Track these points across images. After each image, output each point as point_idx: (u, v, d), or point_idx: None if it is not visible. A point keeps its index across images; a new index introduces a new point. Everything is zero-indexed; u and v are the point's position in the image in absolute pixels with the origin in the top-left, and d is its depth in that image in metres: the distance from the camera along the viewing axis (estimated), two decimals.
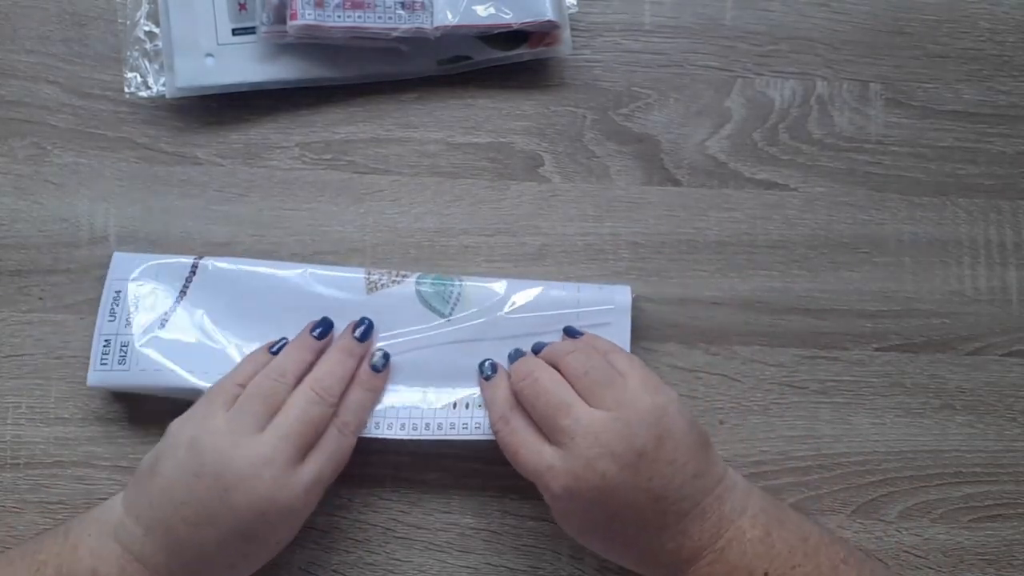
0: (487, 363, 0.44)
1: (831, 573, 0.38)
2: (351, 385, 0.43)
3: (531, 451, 0.39)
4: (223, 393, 0.40)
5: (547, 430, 0.39)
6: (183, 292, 0.45)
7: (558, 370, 0.41)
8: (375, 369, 0.43)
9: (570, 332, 0.44)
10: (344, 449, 0.41)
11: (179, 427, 0.40)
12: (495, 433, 0.42)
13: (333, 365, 0.42)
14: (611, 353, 0.42)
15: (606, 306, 0.45)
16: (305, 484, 0.39)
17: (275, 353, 0.43)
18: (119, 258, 0.46)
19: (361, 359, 0.43)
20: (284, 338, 0.44)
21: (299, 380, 0.41)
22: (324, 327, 0.44)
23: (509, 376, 0.43)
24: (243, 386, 0.40)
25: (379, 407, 0.44)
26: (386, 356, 0.44)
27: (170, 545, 0.38)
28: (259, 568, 0.40)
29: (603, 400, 0.39)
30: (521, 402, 0.41)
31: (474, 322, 0.45)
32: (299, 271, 0.46)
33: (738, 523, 0.38)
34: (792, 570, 0.37)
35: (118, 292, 0.45)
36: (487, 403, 0.43)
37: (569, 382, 0.40)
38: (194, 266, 0.46)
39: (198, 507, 0.37)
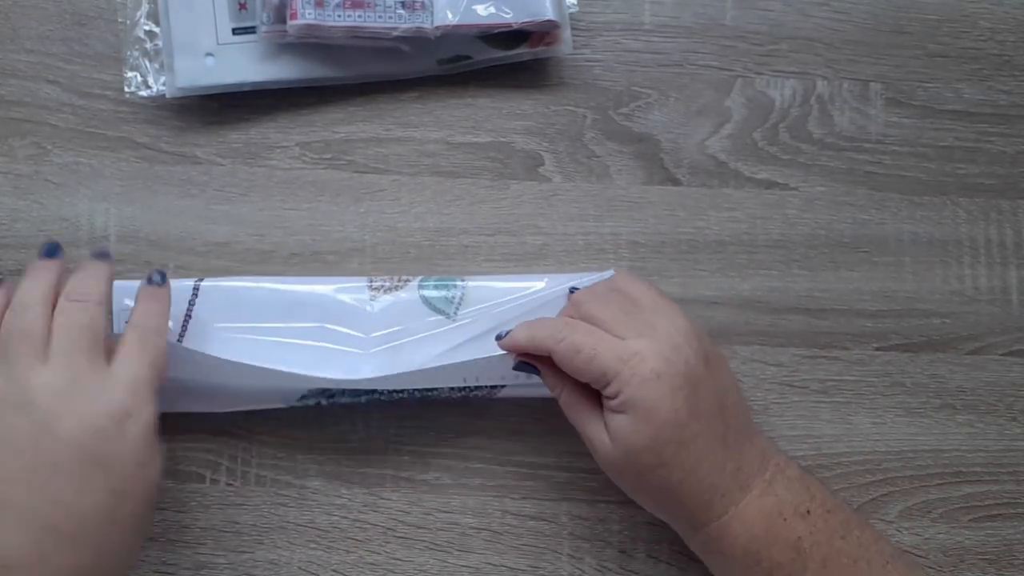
0: (503, 330, 0.43)
1: (859, 526, 0.39)
2: (137, 300, 0.40)
3: (613, 343, 0.38)
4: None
5: (626, 328, 0.38)
6: (188, 317, 0.45)
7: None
8: (154, 283, 0.41)
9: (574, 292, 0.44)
10: (152, 348, 0.38)
11: None
12: (557, 344, 0.39)
13: (82, 274, 0.39)
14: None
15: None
16: (124, 383, 0.36)
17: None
18: (120, 287, 0.45)
19: (111, 271, 0.40)
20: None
21: (53, 304, 0.38)
22: (50, 246, 0.40)
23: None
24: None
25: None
26: (162, 274, 0.41)
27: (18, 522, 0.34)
28: (138, 519, 0.37)
29: (646, 324, 0.40)
30: (585, 308, 0.40)
31: (479, 320, 0.45)
32: (301, 286, 0.46)
33: (776, 459, 0.40)
34: (828, 514, 0.38)
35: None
36: (524, 340, 0.40)
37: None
38: (195, 288, 0.45)
39: (27, 458, 0.34)
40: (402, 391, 0.45)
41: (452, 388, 0.45)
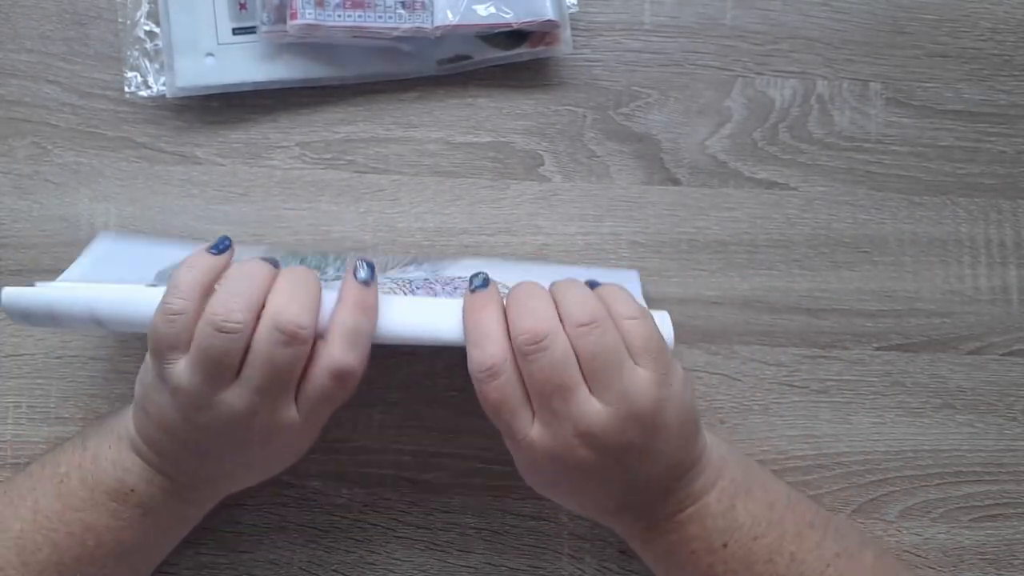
0: (480, 275, 0.38)
1: (795, 539, 0.38)
2: (336, 308, 0.36)
3: (514, 416, 0.36)
4: (167, 333, 0.35)
5: (537, 402, 0.36)
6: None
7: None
8: (362, 283, 0.36)
9: (593, 285, 0.40)
10: (338, 391, 0.36)
11: (149, 362, 0.36)
12: (477, 381, 0.36)
13: (293, 288, 0.35)
14: (627, 320, 0.37)
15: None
16: (302, 416, 0.36)
17: (216, 252, 0.37)
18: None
19: (319, 291, 0.37)
20: (225, 238, 0.38)
21: (256, 315, 0.35)
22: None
23: (504, 308, 0.37)
24: (182, 312, 0.34)
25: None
26: (371, 266, 0.37)
27: (179, 472, 0.38)
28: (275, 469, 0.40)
29: (607, 391, 0.35)
30: (523, 363, 0.36)
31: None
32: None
33: (704, 500, 0.38)
34: (754, 541, 0.38)
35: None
36: (470, 329, 0.37)
37: (577, 357, 0.36)
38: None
39: (199, 441, 0.37)
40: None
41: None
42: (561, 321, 0.36)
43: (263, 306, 0.35)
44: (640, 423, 0.36)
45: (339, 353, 0.35)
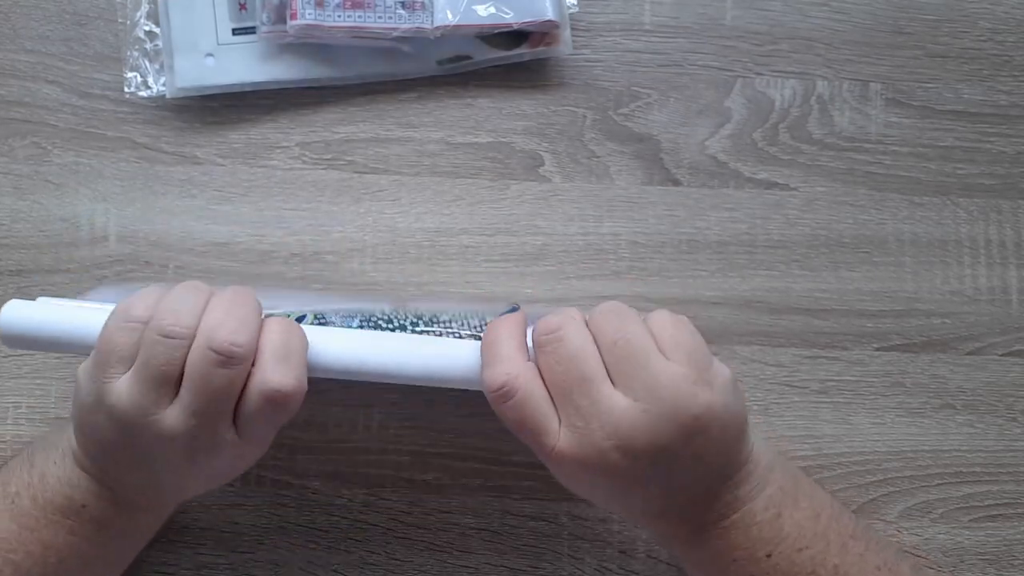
0: (513, 303, 0.41)
1: (839, 552, 0.37)
2: (263, 329, 0.35)
3: (538, 431, 0.34)
4: (119, 341, 0.34)
5: (560, 402, 0.34)
6: None
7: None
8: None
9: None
10: (275, 414, 0.34)
11: (86, 381, 0.35)
12: (492, 403, 0.35)
13: (228, 306, 0.34)
14: (656, 317, 0.36)
15: None
16: (243, 447, 0.35)
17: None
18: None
19: (257, 306, 0.36)
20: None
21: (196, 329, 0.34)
22: None
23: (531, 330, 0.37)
24: (140, 320, 0.34)
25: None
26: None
27: (125, 486, 0.37)
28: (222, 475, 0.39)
29: (632, 382, 0.33)
30: (539, 358, 0.35)
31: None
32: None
33: (749, 506, 0.37)
34: (798, 552, 0.36)
35: None
36: (490, 343, 0.36)
37: (598, 346, 0.34)
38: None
39: (140, 461, 0.36)
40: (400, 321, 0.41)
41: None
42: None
43: None
44: (674, 423, 0.33)
45: (271, 374, 0.34)
